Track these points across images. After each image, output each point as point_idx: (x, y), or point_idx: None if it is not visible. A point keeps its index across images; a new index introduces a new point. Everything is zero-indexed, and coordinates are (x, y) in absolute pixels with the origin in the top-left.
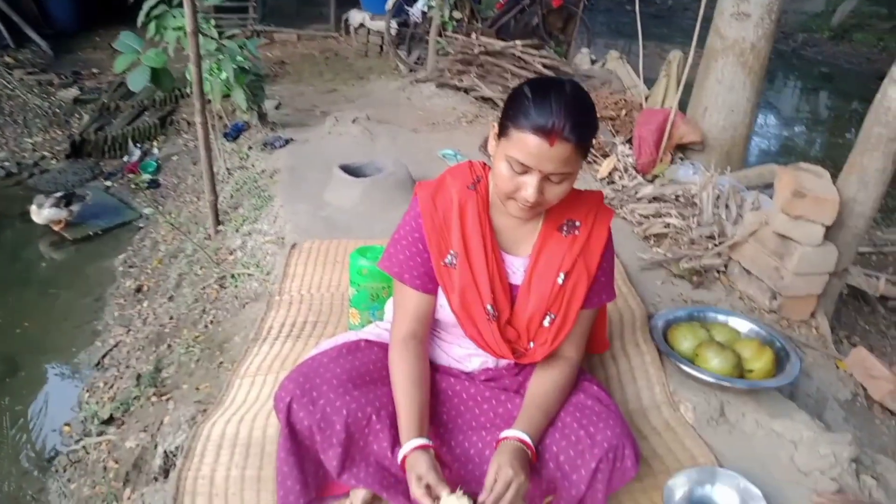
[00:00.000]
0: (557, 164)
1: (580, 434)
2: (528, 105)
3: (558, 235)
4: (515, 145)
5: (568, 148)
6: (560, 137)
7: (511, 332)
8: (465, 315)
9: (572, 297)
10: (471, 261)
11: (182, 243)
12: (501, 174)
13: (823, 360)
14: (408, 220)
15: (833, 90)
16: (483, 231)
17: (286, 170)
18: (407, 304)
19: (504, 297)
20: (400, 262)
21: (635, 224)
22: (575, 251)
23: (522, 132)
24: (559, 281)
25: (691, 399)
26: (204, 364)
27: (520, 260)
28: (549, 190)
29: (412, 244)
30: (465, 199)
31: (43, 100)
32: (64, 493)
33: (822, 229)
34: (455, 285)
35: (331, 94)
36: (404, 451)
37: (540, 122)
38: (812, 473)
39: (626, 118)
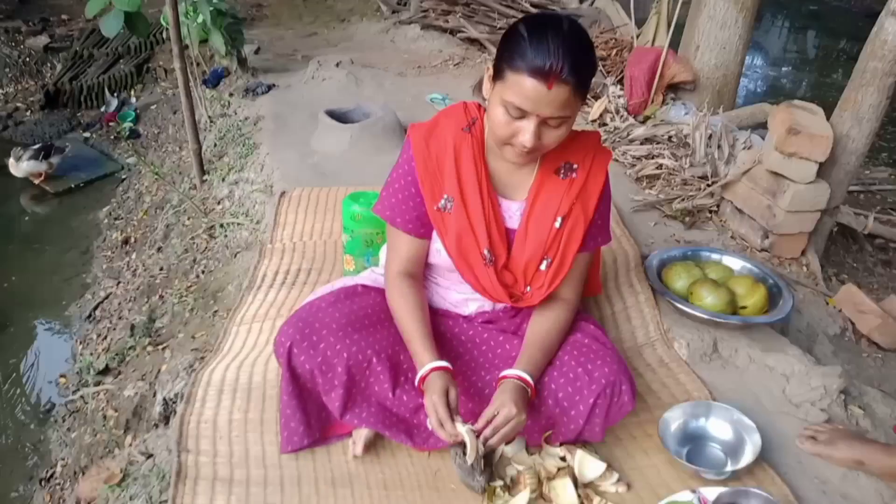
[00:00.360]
0: (555, 107)
1: (578, 371)
2: (524, 45)
3: (555, 178)
4: (511, 89)
5: (566, 90)
6: (558, 80)
7: (508, 276)
8: (461, 260)
9: (569, 240)
10: (467, 205)
11: (167, 194)
12: (497, 119)
13: (814, 297)
14: (400, 164)
15: (821, 29)
16: (479, 175)
17: (270, 117)
18: (400, 248)
19: (500, 241)
20: (392, 206)
21: (627, 166)
22: (572, 194)
23: (519, 75)
24: (556, 225)
25: (685, 336)
26: (198, 313)
27: (516, 204)
28: (547, 134)
29: (405, 187)
30: (460, 142)
31: (11, 49)
32: (65, 442)
33: (816, 166)
34: (450, 230)
35: (312, 38)
36: (422, 373)
37: (537, 64)
38: (803, 405)
39: (616, 58)
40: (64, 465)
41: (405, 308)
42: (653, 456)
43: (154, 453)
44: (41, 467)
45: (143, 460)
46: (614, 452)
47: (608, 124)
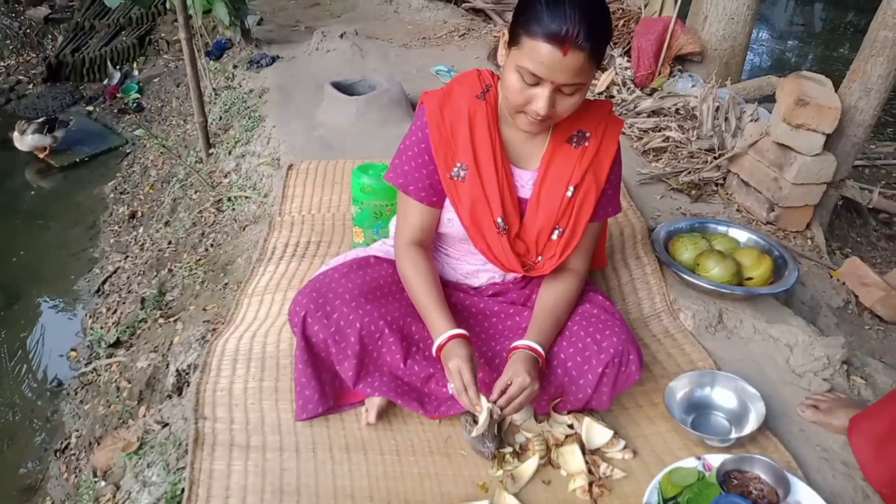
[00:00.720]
0: (570, 74)
1: (587, 341)
2: (540, 10)
3: (568, 147)
4: (527, 54)
5: (581, 57)
6: (574, 45)
7: (520, 245)
8: (475, 228)
9: (581, 209)
10: (481, 174)
11: (173, 168)
12: (512, 85)
13: (818, 270)
14: (414, 131)
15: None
16: (493, 143)
17: (275, 89)
18: (410, 216)
19: (513, 210)
20: (405, 173)
21: (634, 139)
22: (584, 163)
23: (534, 40)
24: (568, 194)
25: (691, 307)
26: (209, 286)
27: (529, 173)
28: (561, 102)
29: (418, 155)
30: (474, 110)
31: (11, 20)
32: (78, 414)
33: (823, 138)
34: (464, 199)
35: (314, 9)
36: (440, 341)
37: (553, 29)
38: (806, 375)
39: (623, 29)
40: (78, 437)
41: (417, 278)
42: (658, 424)
43: (170, 422)
44: (55, 439)
45: (158, 429)
46: (620, 420)
47: (615, 96)
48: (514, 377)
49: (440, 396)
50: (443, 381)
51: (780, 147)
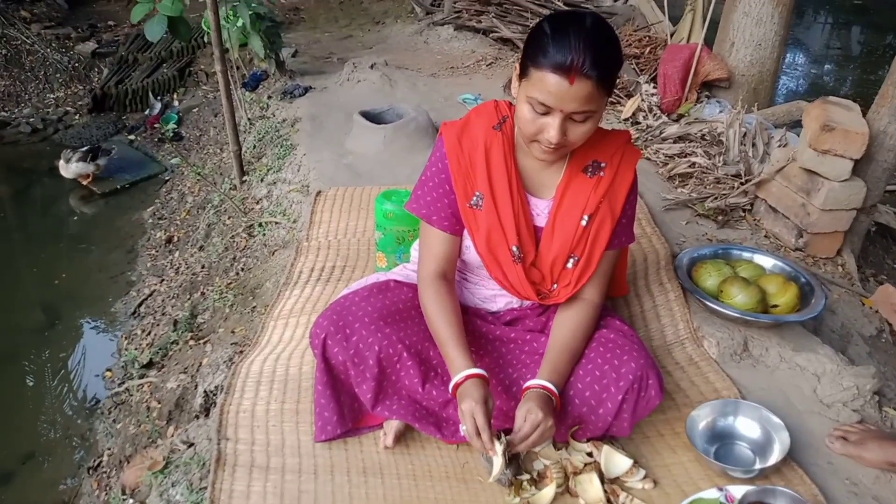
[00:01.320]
0: (579, 102)
1: (605, 369)
2: (546, 42)
3: (583, 177)
4: (535, 85)
5: (588, 85)
6: (580, 74)
7: (535, 273)
8: (490, 257)
9: (596, 239)
10: (496, 202)
11: (209, 194)
12: (524, 116)
13: (849, 297)
14: (434, 161)
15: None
16: (509, 173)
17: (307, 118)
18: (433, 246)
19: (529, 238)
20: (427, 204)
21: (660, 165)
22: (599, 193)
23: (541, 71)
24: (583, 223)
25: (715, 334)
26: (238, 309)
27: (544, 202)
28: (573, 130)
29: (438, 185)
30: (490, 140)
31: (62, 54)
32: (110, 433)
33: (851, 164)
34: (481, 227)
35: (347, 41)
36: (456, 379)
37: (558, 59)
38: (834, 405)
39: (650, 56)
40: (110, 455)
41: (439, 311)
42: (680, 453)
43: (195, 442)
44: (89, 456)
45: (184, 449)
46: (641, 449)
47: (641, 122)
48: (527, 414)
49: (458, 421)
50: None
51: (807, 173)
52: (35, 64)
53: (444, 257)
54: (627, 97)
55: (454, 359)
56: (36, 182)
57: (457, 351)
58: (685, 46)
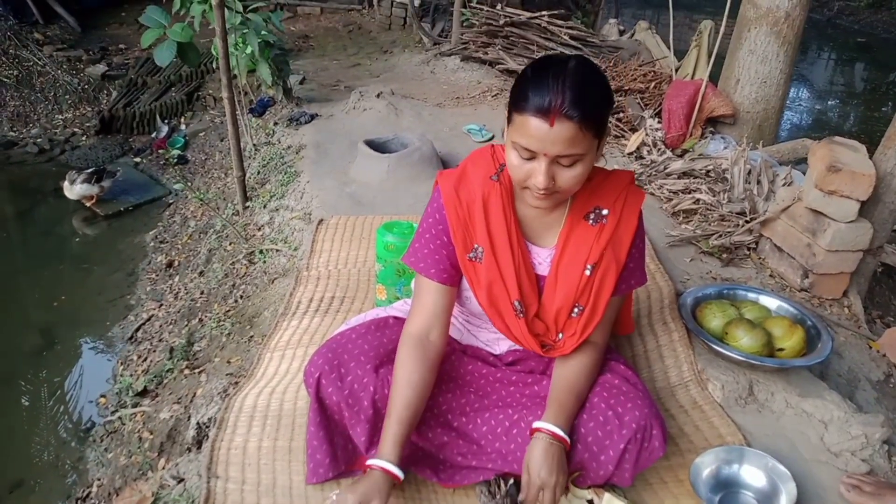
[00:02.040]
0: (562, 145)
1: (608, 415)
2: (526, 86)
3: (585, 224)
4: (518, 130)
5: (570, 126)
6: (559, 115)
7: (539, 325)
8: (492, 310)
9: (601, 288)
10: (497, 256)
11: (211, 219)
12: (512, 163)
13: (855, 340)
14: (430, 213)
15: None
16: (508, 224)
17: (312, 145)
18: (426, 299)
19: (531, 290)
20: (425, 256)
21: (664, 200)
22: (602, 242)
23: (523, 115)
24: (587, 273)
25: (720, 377)
26: (235, 338)
27: (546, 251)
28: (562, 175)
29: (436, 237)
30: (488, 192)
31: (72, 76)
32: (101, 462)
33: (857, 205)
34: (482, 280)
35: (354, 69)
36: (372, 462)
37: (537, 102)
38: (842, 454)
39: (654, 91)
40: (100, 486)
41: (404, 381)
42: (683, 502)
43: (185, 478)
44: (78, 486)
45: (174, 484)
46: (643, 496)
47: (645, 157)
48: (537, 474)
49: (455, 464)
50: (458, 449)
51: (813, 213)
52: (45, 85)
53: (435, 313)
54: (632, 131)
55: (387, 439)
56: (40, 202)
57: (395, 433)
58: (690, 82)
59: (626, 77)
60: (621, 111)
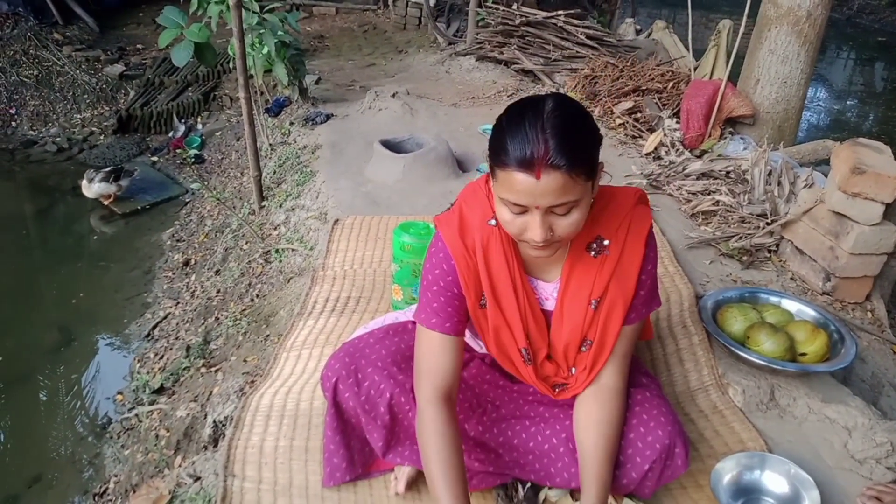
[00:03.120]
0: (553, 196)
1: (630, 437)
2: (504, 139)
3: (587, 257)
4: (503, 186)
5: (558, 176)
6: (545, 166)
7: (549, 367)
8: (502, 356)
9: (608, 322)
10: (500, 303)
11: (227, 218)
12: (503, 218)
13: (879, 345)
14: (436, 264)
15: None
16: (510, 267)
17: (327, 145)
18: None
19: (538, 331)
20: (436, 311)
21: (683, 201)
22: (605, 275)
23: (506, 171)
24: (591, 307)
25: (741, 382)
26: (251, 337)
27: (552, 285)
28: (558, 224)
29: (445, 289)
30: (486, 239)
31: (90, 76)
32: (118, 459)
33: (882, 207)
34: (490, 327)
35: (370, 69)
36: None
37: (519, 155)
38: (866, 462)
39: (672, 91)
40: (116, 482)
41: (438, 442)
42: None
43: (202, 476)
44: (95, 482)
45: (190, 482)
46: (663, 502)
47: (663, 158)
48: None
49: (471, 469)
50: (474, 454)
51: (835, 215)
52: (64, 85)
53: (455, 369)
54: (649, 132)
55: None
56: (59, 201)
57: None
58: (709, 82)
59: (644, 77)
60: (639, 111)
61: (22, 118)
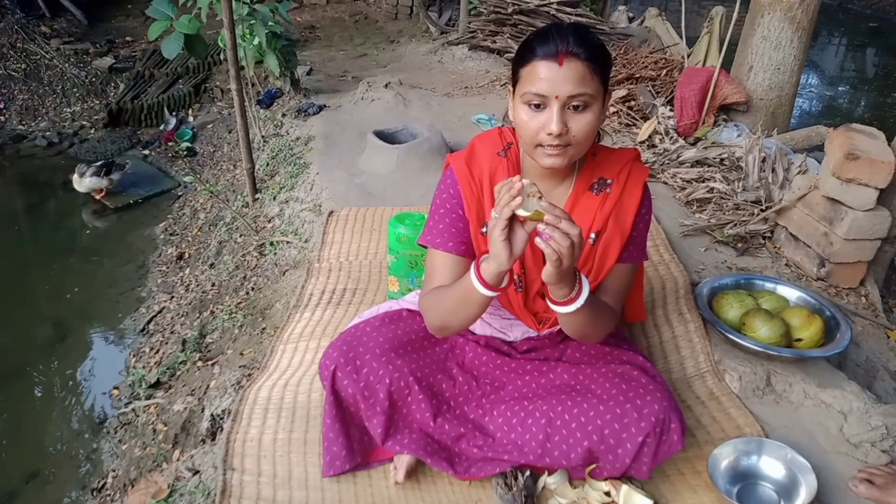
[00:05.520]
0: (573, 83)
1: (626, 407)
2: (531, 42)
3: (589, 195)
4: (527, 79)
5: (579, 64)
6: (567, 54)
7: (541, 304)
8: None
9: (605, 256)
10: None
11: (221, 211)
12: (522, 119)
13: (873, 330)
14: (444, 189)
15: (882, 46)
16: None
17: (320, 137)
18: (442, 271)
19: (534, 264)
20: (441, 231)
21: (677, 189)
22: (606, 210)
23: (530, 65)
24: (590, 240)
25: (737, 368)
26: (247, 330)
27: None
28: (574, 122)
29: (451, 211)
30: (495, 168)
31: (80, 69)
32: (116, 454)
33: (876, 193)
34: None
35: (362, 59)
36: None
37: (544, 49)
38: (862, 445)
39: (666, 78)
40: (114, 477)
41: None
42: (702, 494)
43: (201, 470)
44: (93, 477)
45: (189, 476)
46: (661, 489)
47: (657, 146)
48: None
49: (471, 457)
50: (473, 441)
51: (829, 201)
52: (53, 78)
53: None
54: (643, 120)
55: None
56: (50, 195)
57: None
58: (702, 69)
59: (637, 65)
60: (632, 99)
61: (11, 112)
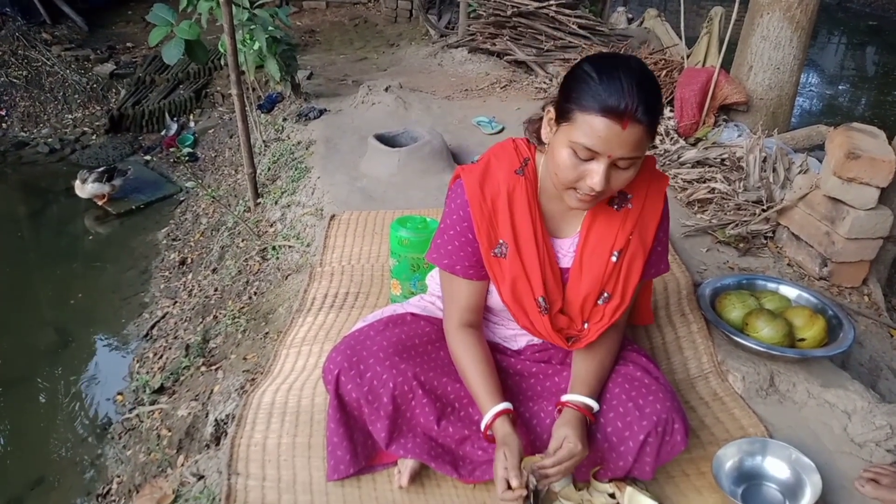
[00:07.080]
0: (629, 148)
1: (628, 406)
2: (594, 85)
3: (609, 210)
4: (581, 129)
5: (640, 130)
6: (633, 119)
7: (563, 320)
8: (516, 306)
9: (629, 274)
10: (521, 252)
11: (223, 216)
12: (563, 162)
13: (876, 329)
14: (454, 209)
15: (881, 44)
16: (533, 220)
17: (321, 141)
18: (459, 297)
19: (555, 285)
20: (449, 253)
21: (678, 190)
22: (628, 227)
23: (589, 115)
24: (613, 259)
25: (740, 369)
26: (250, 334)
27: (568, 241)
28: (616, 177)
29: (461, 234)
30: (513, 187)
31: (81, 75)
32: (120, 460)
33: (877, 192)
34: (506, 276)
35: (362, 63)
36: (487, 420)
37: (611, 103)
38: (866, 445)
39: (666, 79)
40: (119, 483)
41: (469, 358)
42: (706, 495)
43: (205, 475)
44: (98, 483)
45: (194, 481)
46: (665, 490)
47: (658, 147)
48: (564, 441)
49: (475, 460)
50: (478, 443)
51: (831, 200)
52: (54, 85)
53: (469, 307)
54: None
55: (482, 397)
56: (52, 202)
57: (485, 389)
58: (702, 70)
59: None
60: None
61: (12, 119)
